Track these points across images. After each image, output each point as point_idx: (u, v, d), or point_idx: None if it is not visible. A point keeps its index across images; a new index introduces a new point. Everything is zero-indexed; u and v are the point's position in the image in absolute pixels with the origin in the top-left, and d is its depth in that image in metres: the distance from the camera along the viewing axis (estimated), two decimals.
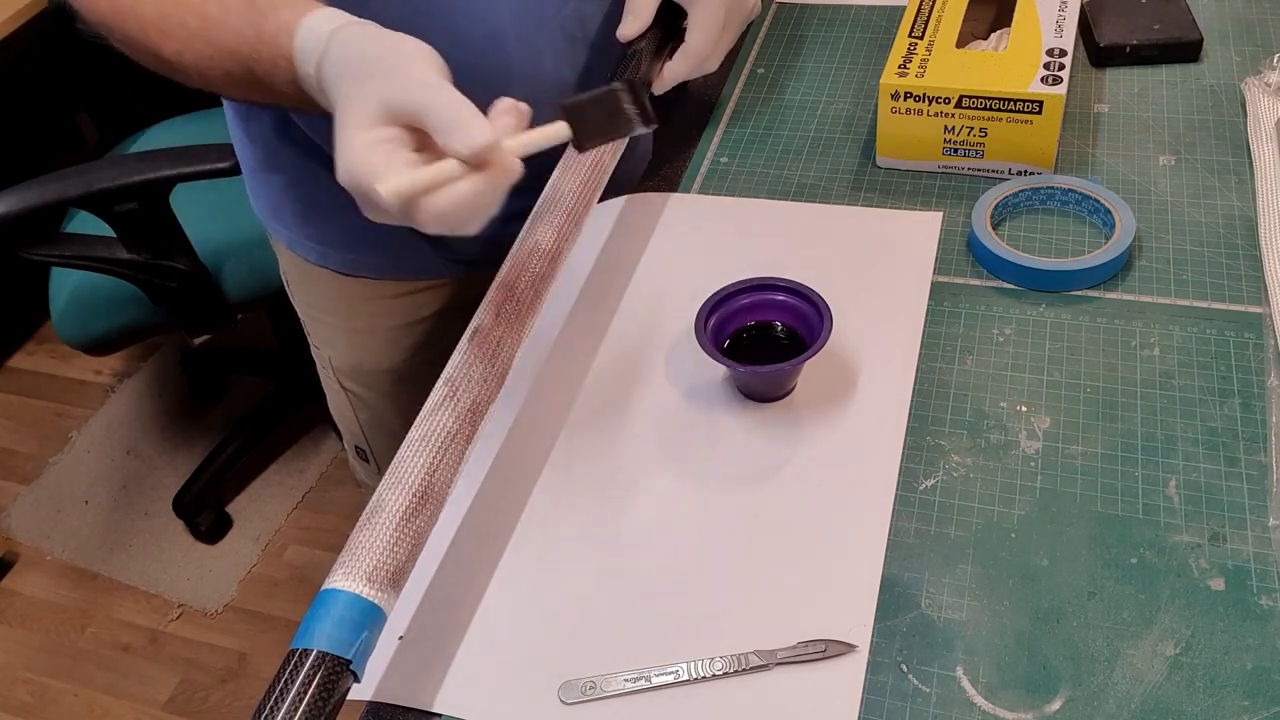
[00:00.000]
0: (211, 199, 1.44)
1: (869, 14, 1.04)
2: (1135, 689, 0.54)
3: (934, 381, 0.70)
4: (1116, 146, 0.85)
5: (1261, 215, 0.77)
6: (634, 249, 0.83)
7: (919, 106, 0.82)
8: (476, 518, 0.67)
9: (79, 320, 1.44)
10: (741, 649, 0.57)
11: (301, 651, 0.50)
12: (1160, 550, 0.59)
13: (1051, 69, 0.80)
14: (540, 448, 0.70)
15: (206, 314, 1.43)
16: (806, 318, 0.69)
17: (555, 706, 0.56)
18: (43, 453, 1.96)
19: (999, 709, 0.54)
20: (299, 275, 0.93)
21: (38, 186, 1.23)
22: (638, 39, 0.80)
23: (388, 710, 0.58)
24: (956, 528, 0.62)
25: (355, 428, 1.02)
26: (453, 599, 0.62)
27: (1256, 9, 0.96)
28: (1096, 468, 0.64)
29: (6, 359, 2.15)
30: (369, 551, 0.54)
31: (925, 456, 0.66)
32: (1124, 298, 0.73)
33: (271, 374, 1.92)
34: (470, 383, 0.61)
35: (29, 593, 1.75)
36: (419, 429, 0.59)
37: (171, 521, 1.79)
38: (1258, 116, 0.84)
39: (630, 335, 0.76)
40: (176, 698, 1.58)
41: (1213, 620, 0.56)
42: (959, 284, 0.76)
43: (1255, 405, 0.66)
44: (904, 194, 0.84)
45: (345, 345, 0.95)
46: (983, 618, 0.58)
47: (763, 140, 0.92)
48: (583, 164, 0.74)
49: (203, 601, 1.69)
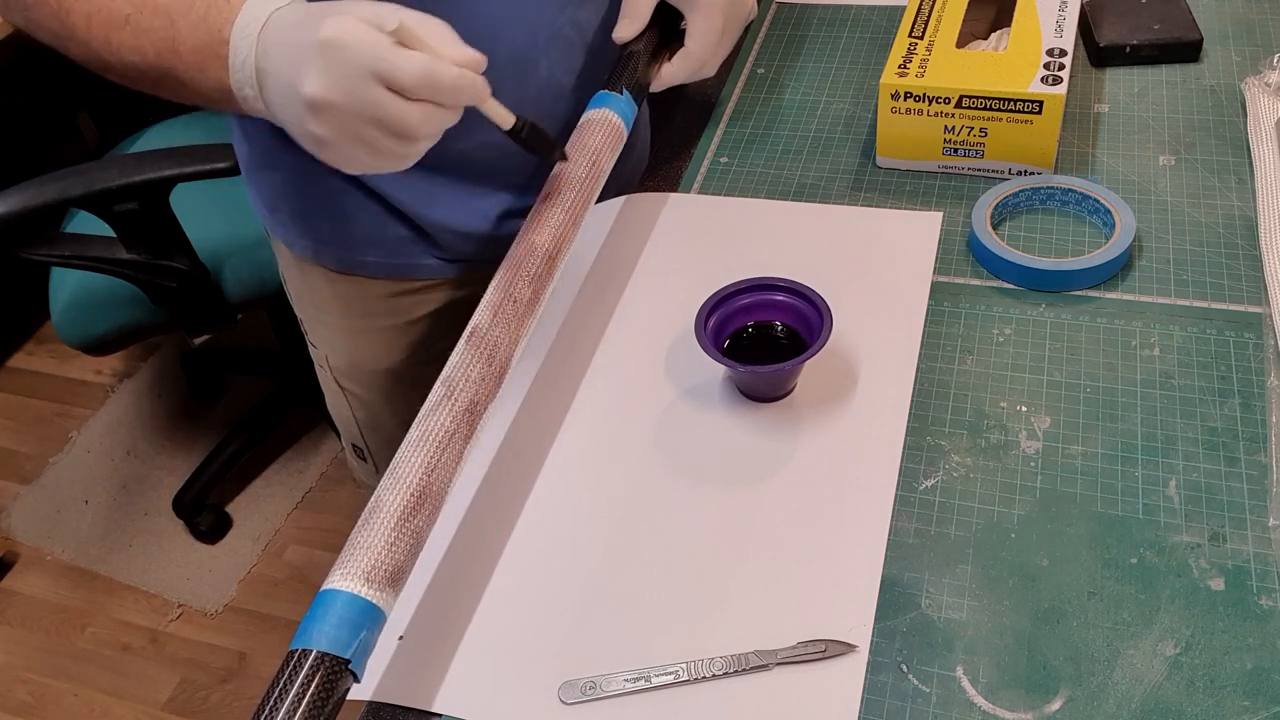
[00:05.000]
0: (211, 199, 1.44)
1: (869, 14, 1.04)
2: (1135, 689, 0.54)
3: (934, 381, 0.70)
4: (1116, 146, 0.85)
5: (1261, 215, 0.77)
6: (633, 249, 0.83)
7: (919, 106, 0.82)
8: (476, 517, 0.66)
9: (79, 320, 1.43)
10: (741, 649, 0.57)
11: (301, 652, 0.50)
12: (1160, 550, 0.59)
13: (1051, 69, 0.80)
14: (539, 448, 0.70)
15: (206, 314, 1.43)
16: (806, 318, 0.69)
17: (555, 706, 0.56)
18: (43, 453, 1.96)
19: (999, 709, 0.54)
20: (296, 273, 0.93)
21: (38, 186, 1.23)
22: (634, 40, 0.80)
23: (388, 710, 0.58)
24: (956, 528, 0.62)
25: (353, 427, 1.02)
26: (453, 599, 0.62)
27: (1256, 9, 0.96)
28: (1096, 468, 0.64)
29: (6, 359, 2.15)
30: (368, 551, 0.53)
31: (925, 456, 0.66)
32: (1124, 298, 0.73)
33: (271, 374, 1.92)
34: (468, 383, 0.61)
35: (29, 593, 1.75)
36: (418, 428, 0.59)
37: (171, 521, 1.79)
38: (1258, 116, 0.84)
39: (630, 335, 0.76)
40: (176, 698, 1.58)
41: (1213, 620, 0.56)
42: (959, 284, 0.76)
43: (1255, 405, 0.66)
44: (904, 194, 0.84)
45: (342, 344, 0.95)
46: (983, 618, 0.58)
47: (763, 140, 0.92)
48: (581, 164, 0.74)
49: (203, 601, 1.69)
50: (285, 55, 0.58)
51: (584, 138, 0.76)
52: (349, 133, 0.58)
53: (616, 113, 0.77)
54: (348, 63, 0.56)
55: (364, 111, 0.57)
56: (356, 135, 0.58)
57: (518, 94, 0.80)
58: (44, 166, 1.26)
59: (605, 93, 0.78)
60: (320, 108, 0.57)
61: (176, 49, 0.61)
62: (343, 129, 0.58)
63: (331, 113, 0.57)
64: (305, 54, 0.57)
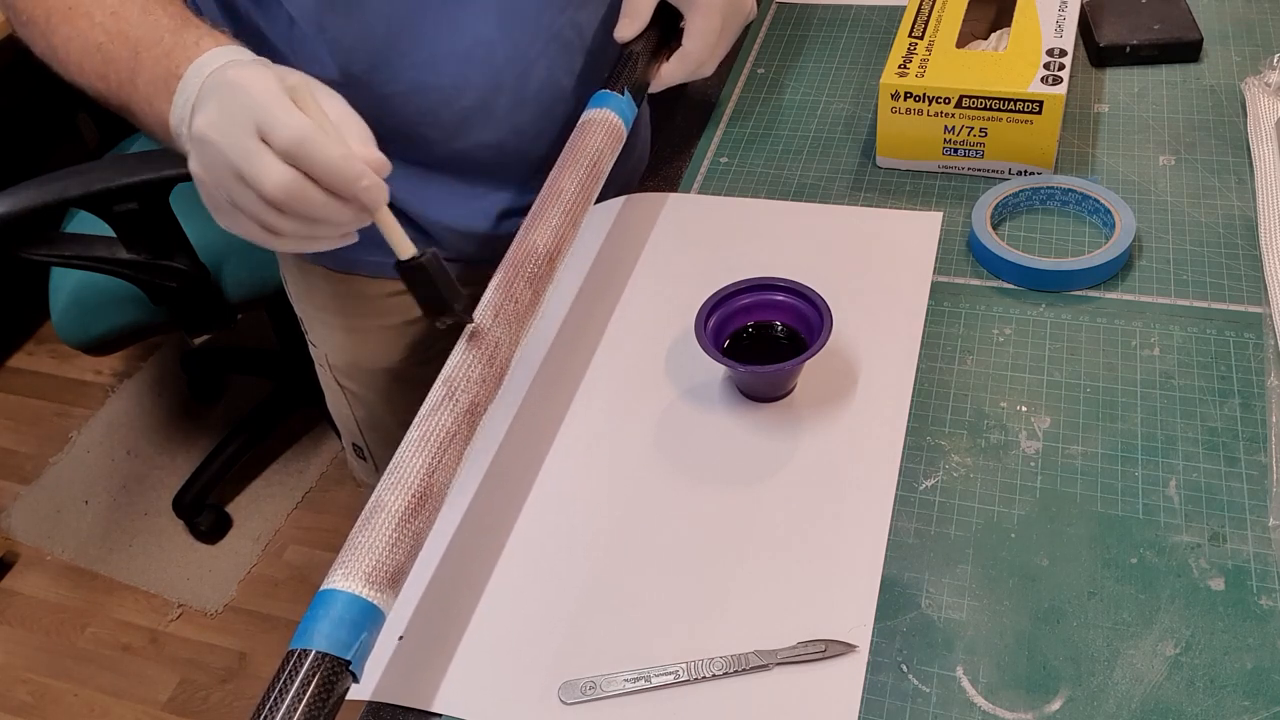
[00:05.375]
0: None
1: (869, 14, 1.04)
2: (1135, 689, 0.54)
3: (934, 381, 0.70)
4: (1116, 146, 0.85)
5: (1261, 215, 0.77)
6: (633, 249, 0.83)
7: (919, 106, 0.82)
8: (476, 517, 0.66)
9: (79, 320, 1.43)
10: (741, 649, 0.57)
11: (300, 652, 0.50)
12: (1160, 550, 0.59)
13: (1051, 69, 0.80)
14: (539, 447, 0.70)
15: (206, 314, 1.42)
16: (806, 318, 0.69)
17: (555, 706, 0.56)
18: (43, 453, 1.96)
19: (999, 709, 0.54)
20: (296, 272, 0.93)
21: (38, 186, 1.23)
22: (634, 40, 0.80)
23: (387, 710, 0.58)
24: (956, 528, 0.62)
25: (352, 426, 1.02)
26: (452, 599, 0.62)
27: (1256, 9, 0.96)
28: (1096, 468, 0.64)
29: (6, 359, 2.15)
30: (367, 552, 0.53)
31: (925, 456, 0.66)
32: (1124, 298, 0.73)
33: (271, 374, 1.92)
34: (469, 383, 0.61)
35: (29, 593, 1.75)
36: (418, 428, 0.59)
37: (171, 521, 1.79)
38: (1258, 116, 0.84)
39: (630, 335, 0.76)
40: (176, 698, 1.58)
41: (1213, 620, 0.56)
42: (959, 284, 0.76)
43: (1255, 405, 0.66)
44: (904, 194, 0.84)
45: (342, 343, 0.95)
46: (983, 618, 0.58)
47: (762, 140, 0.91)
48: (581, 164, 0.74)
49: (203, 601, 1.69)
50: (204, 95, 0.57)
51: (583, 138, 0.76)
52: (217, 178, 0.56)
53: (616, 112, 0.77)
54: (237, 106, 0.54)
55: (233, 159, 0.54)
56: (222, 183, 0.55)
57: (517, 95, 0.80)
58: (44, 166, 1.26)
59: (605, 92, 0.78)
60: (201, 144, 0.55)
61: (134, 79, 0.61)
62: (213, 172, 0.56)
63: (208, 151, 0.55)
64: (211, 91, 0.56)
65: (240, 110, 0.53)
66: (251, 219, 0.56)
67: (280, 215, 0.55)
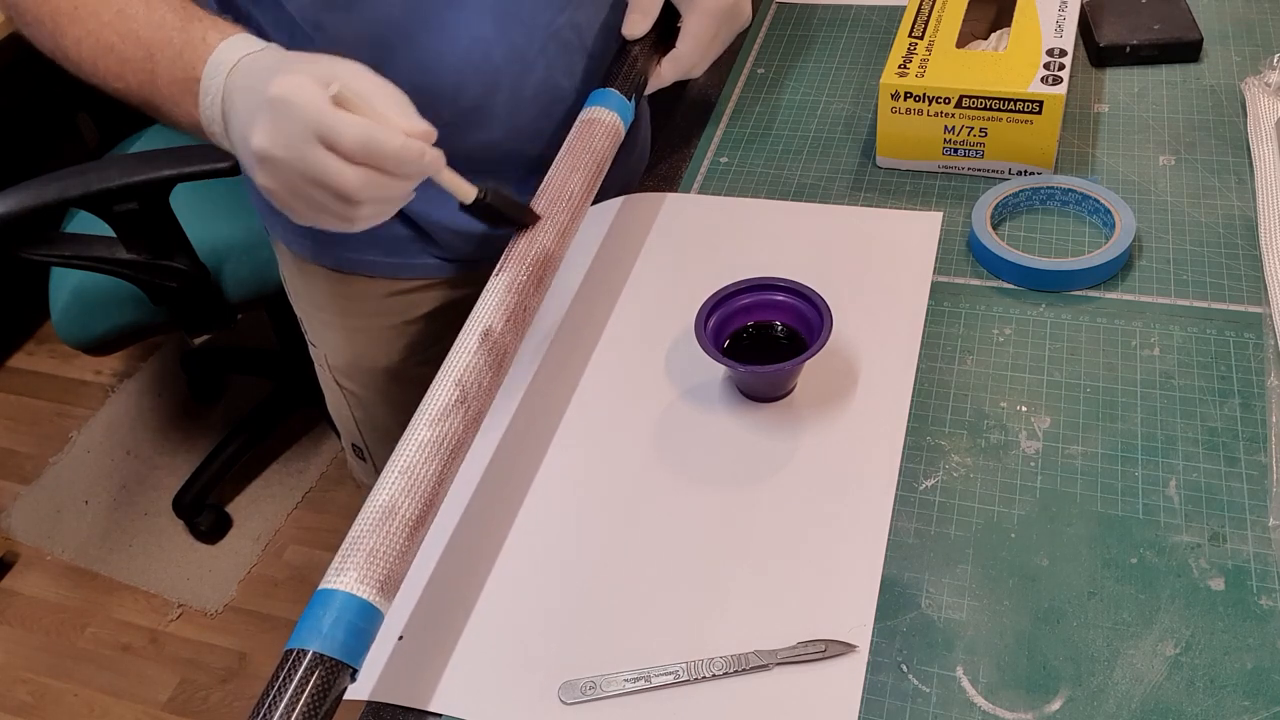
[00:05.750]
0: (211, 199, 1.44)
1: (869, 14, 1.04)
2: (1135, 689, 0.54)
3: (934, 381, 0.70)
4: (1116, 146, 0.85)
5: (1261, 215, 0.77)
6: (632, 249, 0.83)
7: (919, 106, 0.82)
8: (475, 516, 0.66)
9: (79, 320, 1.43)
10: (741, 649, 0.57)
11: (298, 652, 0.50)
12: (1160, 550, 0.59)
13: (1051, 69, 0.80)
14: (539, 447, 0.70)
15: (206, 314, 1.42)
16: (806, 318, 0.69)
17: (555, 706, 0.56)
18: (43, 453, 1.96)
19: (999, 709, 0.54)
20: (296, 272, 0.93)
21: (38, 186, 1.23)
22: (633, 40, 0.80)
23: (386, 710, 0.58)
24: (956, 528, 0.62)
25: (352, 425, 1.02)
26: (451, 598, 0.62)
27: (1256, 9, 0.96)
28: (1096, 468, 0.64)
29: (6, 359, 2.15)
30: (365, 551, 0.53)
31: (925, 456, 0.66)
32: (1124, 298, 0.73)
33: (271, 374, 1.92)
34: (481, 390, 0.62)
35: (29, 593, 1.75)
36: (432, 429, 0.59)
37: (171, 521, 1.79)
38: (1258, 116, 0.84)
39: (629, 335, 0.76)
40: (176, 698, 1.58)
41: (1213, 620, 0.56)
42: (959, 284, 0.76)
43: (1255, 405, 0.66)
44: (904, 194, 0.84)
45: (341, 343, 0.95)
46: (983, 618, 0.58)
47: (762, 140, 0.91)
48: (587, 164, 0.74)
49: (203, 601, 1.69)
50: (243, 103, 0.60)
51: (583, 137, 0.76)
52: (291, 188, 0.59)
53: (614, 111, 0.77)
54: (292, 120, 0.56)
55: (304, 171, 0.57)
56: (298, 191, 0.59)
57: (516, 95, 0.80)
58: (44, 166, 1.26)
59: (603, 90, 0.78)
60: (266, 161, 0.58)
61: (155, 81, 0.63)
62: (286, 184, 0.59)
63: (275, 167, 0.58)
64: (257, 107, 0.58)
65: (295, 125, 0.56)
66: (331, 215, 0.60)
67: (357, 205, 0.59)
